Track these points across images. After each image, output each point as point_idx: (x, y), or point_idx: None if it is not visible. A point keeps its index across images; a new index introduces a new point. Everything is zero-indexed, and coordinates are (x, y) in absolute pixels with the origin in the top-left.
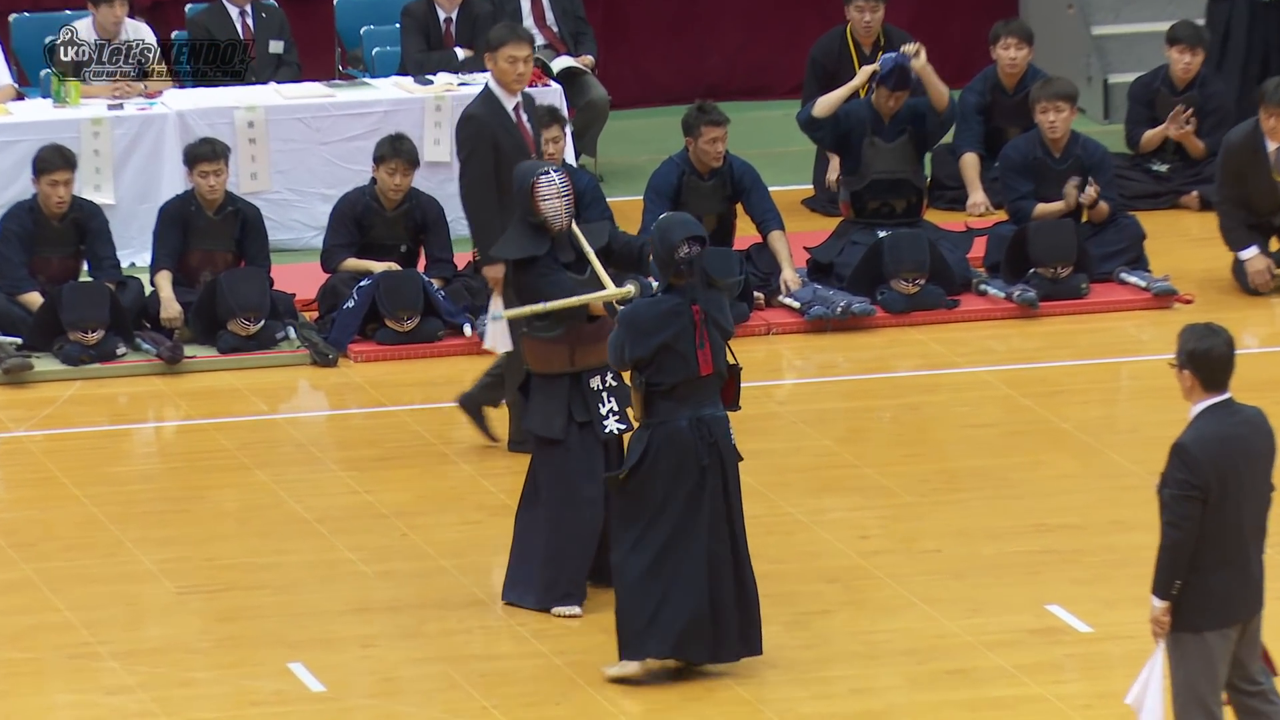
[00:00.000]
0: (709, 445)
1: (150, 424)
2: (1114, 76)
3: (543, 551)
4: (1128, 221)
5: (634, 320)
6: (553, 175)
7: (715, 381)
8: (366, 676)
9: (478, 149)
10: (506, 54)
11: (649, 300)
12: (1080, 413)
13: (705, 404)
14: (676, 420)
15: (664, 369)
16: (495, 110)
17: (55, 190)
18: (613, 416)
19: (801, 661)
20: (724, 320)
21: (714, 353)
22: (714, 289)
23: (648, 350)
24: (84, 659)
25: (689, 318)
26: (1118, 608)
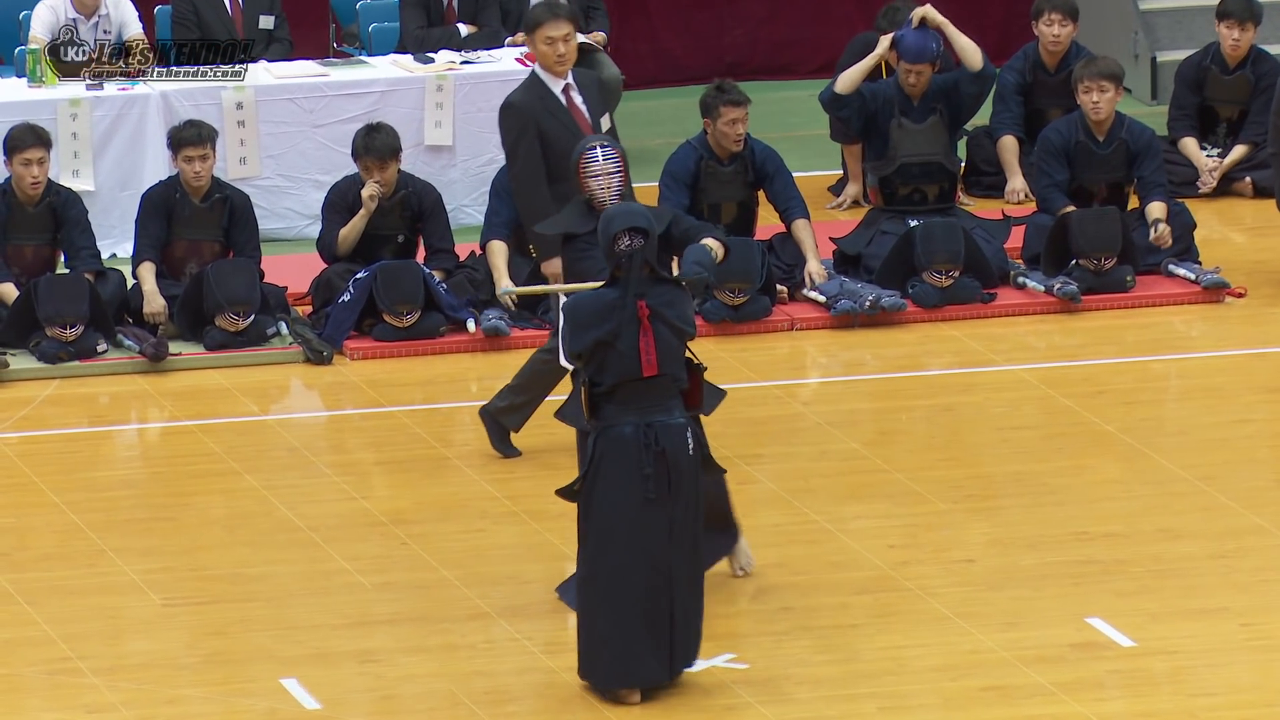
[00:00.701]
0: (655, 454)
1: (133, 426)
2: (1163, 54)
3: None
4: (1177, 209)
5: (573, 312)
6: (598, 151)
7: (666, 385)
8: (364, 694)
9: (521, 138)
10: (544, 35)
11: (592, 293)
12: (1125, 414)
13: (655, 410)
14: (621, 426)
15: (604, 367)
16: (540, 95)
17: (29, 170)
18: None
19: (828, 678)
20: (678, 319)
21: (661, 354)
22: (668, 285)
23: (583, 345)
24: (64, 675)
25: (631, 313)
26: (1163, 621)
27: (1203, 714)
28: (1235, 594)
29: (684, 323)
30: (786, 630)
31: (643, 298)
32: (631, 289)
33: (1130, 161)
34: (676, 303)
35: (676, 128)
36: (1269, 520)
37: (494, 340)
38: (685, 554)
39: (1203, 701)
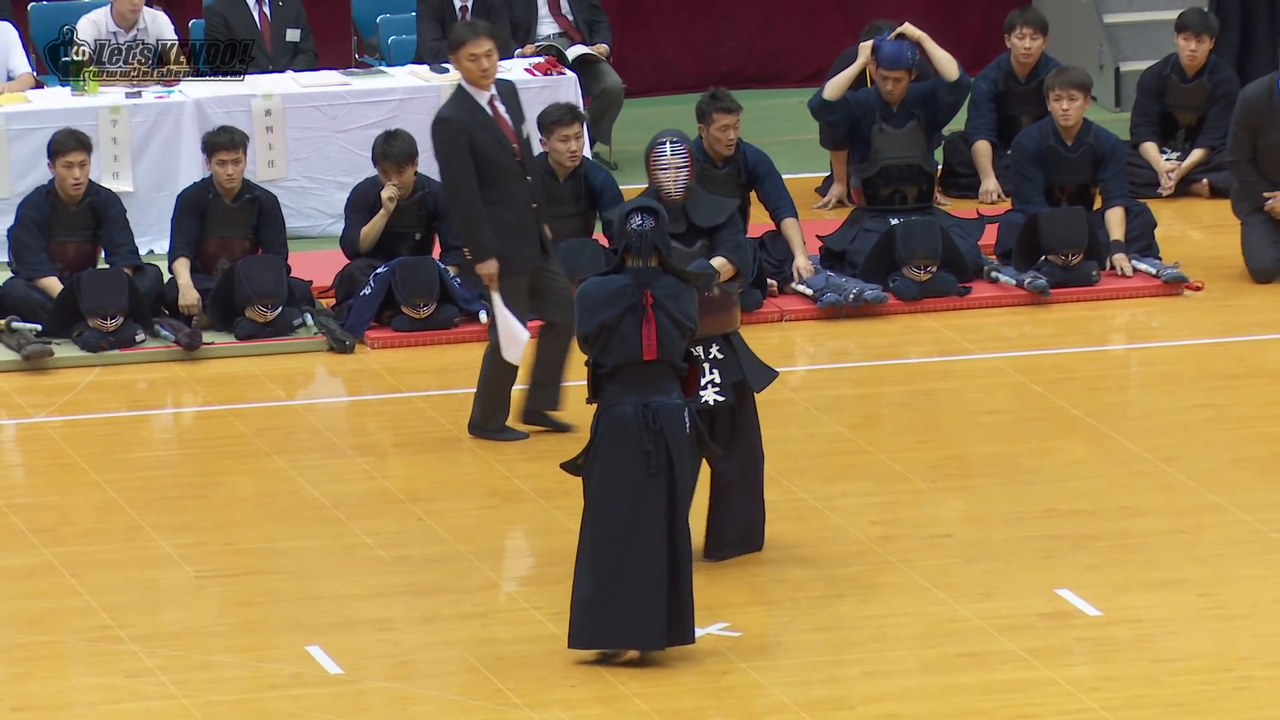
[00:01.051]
0: (654, 432)
1: (168, 410)
2: (1126, 64)
3: None
4: (1139, 209)
5: (584, 296)
6: (667, 146)
7: (664, 370)
8: (383, 659)
9: (453, 152)
10: (468, 52)
11: (602, 278)
12: (1091, 399)
13: (654, 391)
14: (622, 405)
15: (607, 349)
16: (470, 108)
17: (70, 172)
18: (711, 387)
19: (814, 645)
20: (680, 313)
21: (661, 339)
22: (674, 277)
23: (591, 327)
24: (104, 643)
25: (636, 299)
26: (1128, 592)
27: (1164, 678)
28: (1194, 567)
29: (685, 317)
30: (777, 600)
31: (649, 287)
32: (640, 276)
33: (1096, 165)
34: (680, 296)
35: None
36: (1225, 498)
37: None
38: (683, 527)
39: (1164, 667)
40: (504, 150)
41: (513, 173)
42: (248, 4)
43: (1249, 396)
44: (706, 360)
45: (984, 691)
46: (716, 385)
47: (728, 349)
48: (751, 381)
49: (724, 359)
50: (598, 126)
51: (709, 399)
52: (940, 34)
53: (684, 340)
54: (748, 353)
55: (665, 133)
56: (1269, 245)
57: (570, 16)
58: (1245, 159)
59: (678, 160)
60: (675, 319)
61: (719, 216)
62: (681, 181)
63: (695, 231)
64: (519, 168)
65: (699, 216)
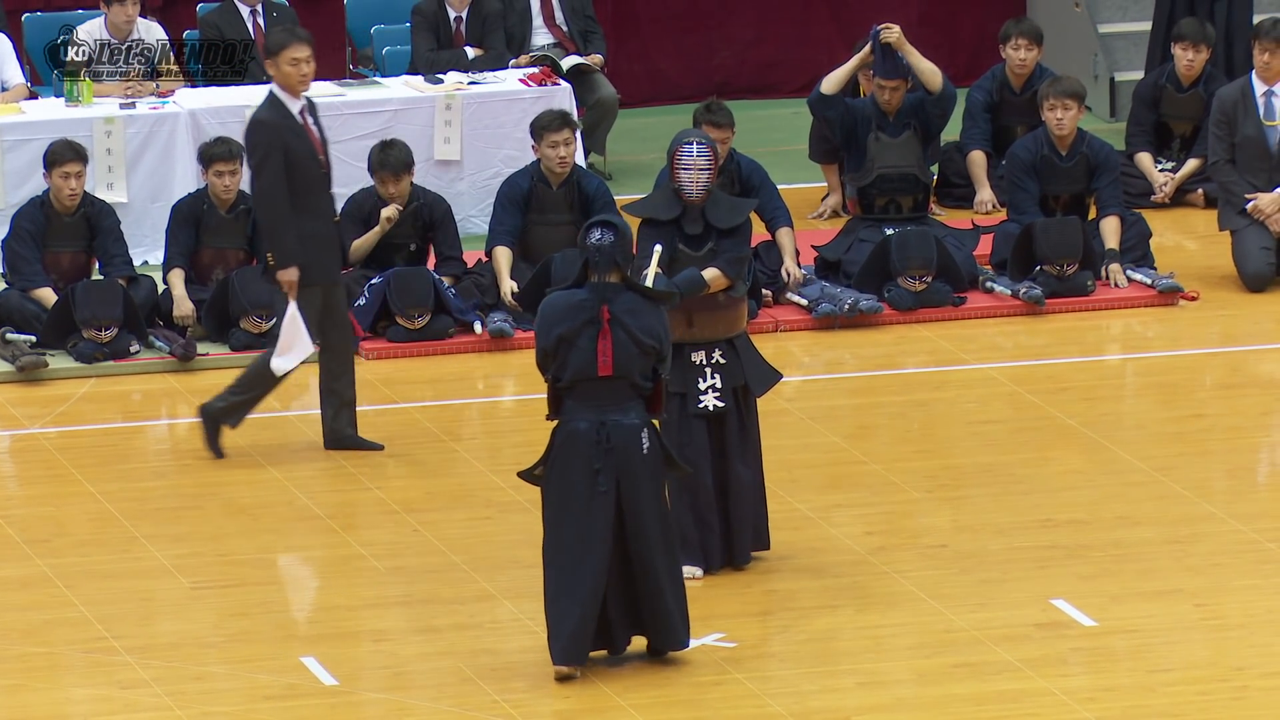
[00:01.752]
0: (605, 450)
1: (163, 421)
2: (1121, 74)
3: None
4: (1134, 219)
5: (544, 310)
6: (693, 147)
7: (622, 387)
8: (378, 670)
9: (270, 155)
10: (288, 57)
11: (563, 292)
12: (1086, 409)
13: (611, 408)
14: (577, 421)
15: (564, 363)
16: (283, 115)
17: (66, 183)
18: (711, 393)
19: (809, 655)
20: (640, 330)
21: (617, 355)
22: (637, 294)
23: (549, 340)
24: (99, 654)
25: (594, 314)
26: (1123, 602)
27: (1160, 688)
28: (1189, 576)
29: (645, 334)
30: (771, 611)
31: (607, 302)
32: (599, 291)
33: (1091, 174)
34: (641, 313)
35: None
36: (1220, 508)
37: (499, 341)
38: (646, 546)
39: (1160, 677)
40: (312, 160)
41: (318, 183)
42: (242, 15)
43: (1244, 406)
44: (708, 365)
45: (979, 702)
46: (717, 391)
47: (730, 353)
48: (753, 385)
49: (726, 364)
50: (592, 137)
51: (709, 405)
52: (933, 45)
53: (645, 358)
54: (752, 356)
55: (690, 132)
56: (1260, 252)
57: (565, 27)
58: (1225, 160)
59: (701, 161)
60: (634, 336)
61: (736, 218)
62: (702, 183)
63: (712, 233)
64: (324, 179)
65: (716, 218)
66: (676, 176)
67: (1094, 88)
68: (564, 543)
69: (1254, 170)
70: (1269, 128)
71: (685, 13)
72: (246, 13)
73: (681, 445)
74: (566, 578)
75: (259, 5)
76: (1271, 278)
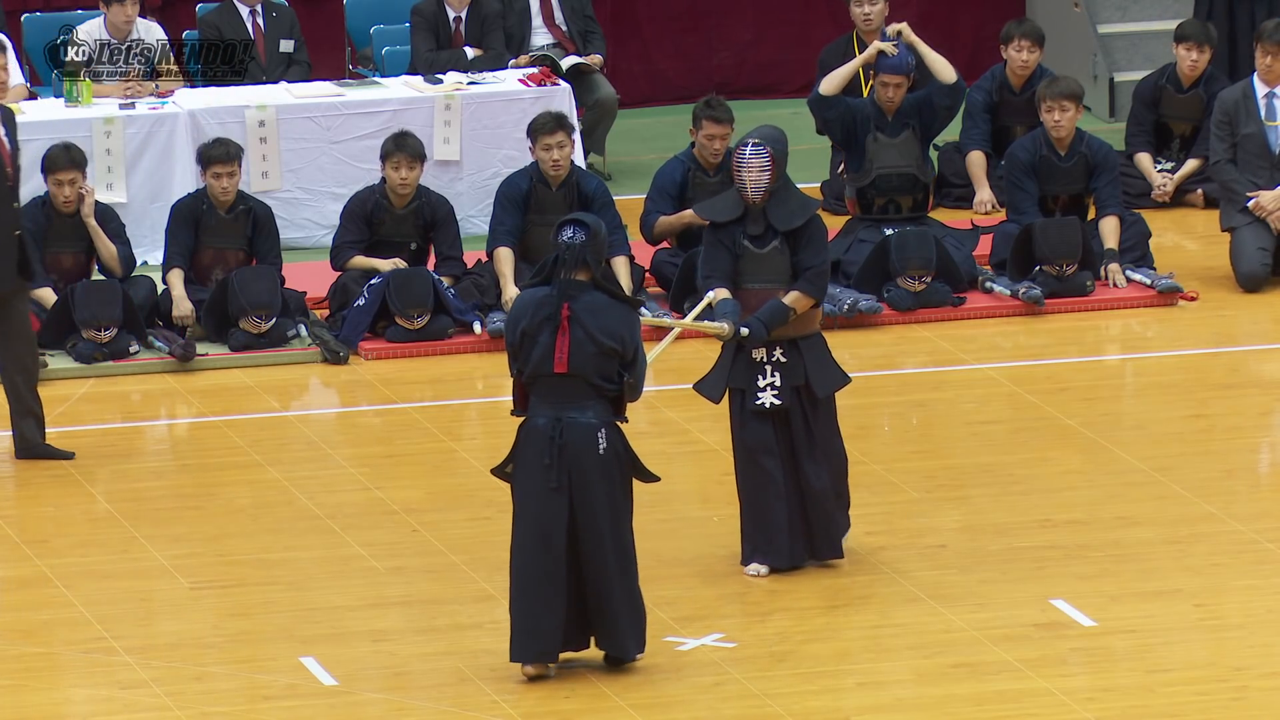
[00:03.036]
0: (559, 446)
1: (163, 421)
2: (1120, 75)
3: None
4: (1133, 219)
5: (513, 305)
6: (748, 149)
7: (579, 385)
8: (378, 670)
9: None
10: None
11: (532, 288)
12: (1086, 409)
13: (569, 406)
14: (537, 417)
15: (526, 359)
16: None
17: (61, 189)
18: (770, 390)
19: (809, 655)
20: (599, 330)
21: (573, 353)
22: (605, 295)
23: (515, 336)
24: (98, 654)
25: (554, 310)
26: (1122, 602)
27: (1159, 688)
28: (1189, 577)
29: (604, 334)
30: (771, 611)
31: (570, 300)
32: (562, 288)
33: (1090, 174)
34: (603, 313)
35: (669, 144)
36: (1219, 508)
37: (498, 341)
38: (596, 545)
39: (1159, 677)
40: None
41: (2, 194)
42: (241, 15)
43: (1243, 407)
44: (768, 363)
45: (979, 702)
46: (776, 389)
47: (793, 353)
48: (815, 386)
49: (787, 363)
50: (591, 137)
51: (766, 402)
52: (932, 45)
53: (604, 358)
54: (820, 356)
55: (753, 131)
56: (1257, 252)
57: (564, 27)
58: (1226, 160)
59: (756, 164)
60: (592, 335)
61: (796, 220)
62: (761, 185)
63: (774, 233)
64: (8, 192)
65: (778, 219)
66: (736, 178)
67: (1093, 88)
68: (521, 540)
69: (1255, 170)
70: (1270, 128)
71: (685, 13)
72: (246, 13)
73: (742, 440)
74: (524, 575)
75: (258, 5)
76: (1267, 278)
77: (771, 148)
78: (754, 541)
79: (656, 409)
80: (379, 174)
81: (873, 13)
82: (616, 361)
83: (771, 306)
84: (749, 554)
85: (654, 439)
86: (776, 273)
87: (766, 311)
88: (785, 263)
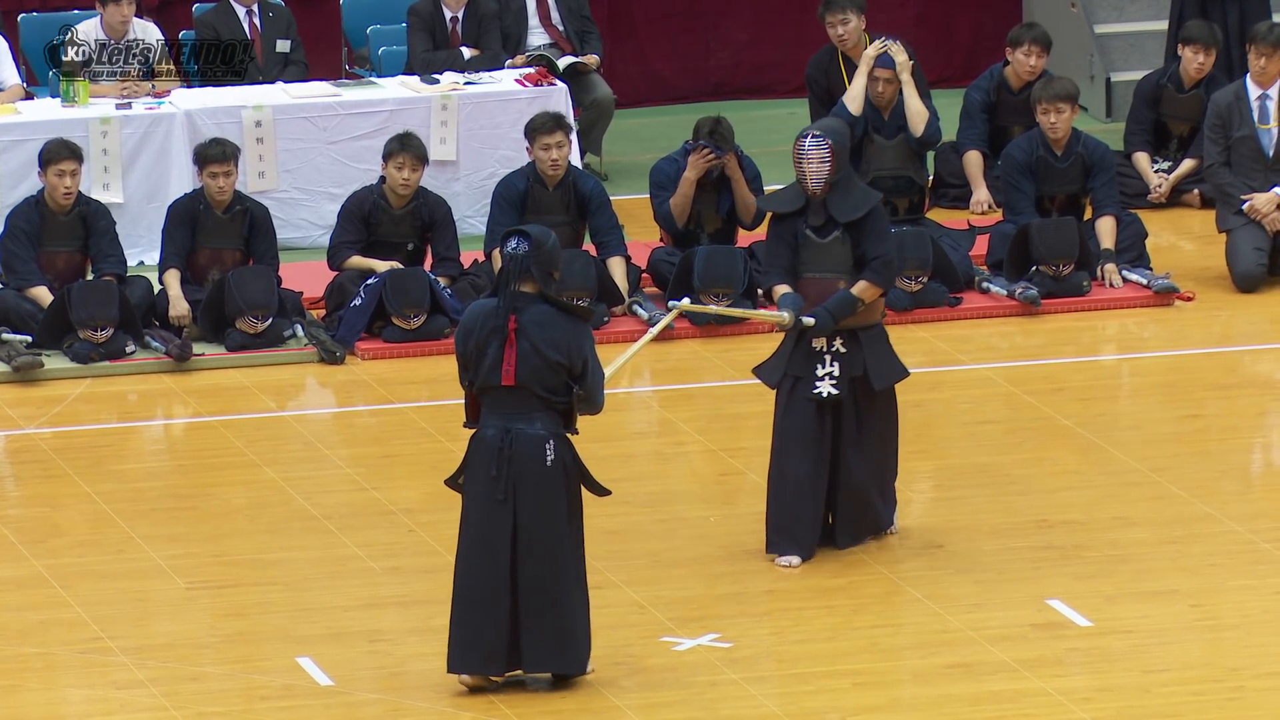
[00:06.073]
0: (506, 458)
1: (159, 421)
2: (1116, 75)
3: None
4: (1129, 219)
5: (464, 317)
6: (807, 141)
7: (527, 397)
8: (373, 671)
9: None
10: None
11: (482, 300)
12: (1082, 409)
13: (518, 417)
14: (486, 429)
15: (476, 370)
16: None
17: (62, 181)
18: (828, 380)
19: (805, 656)
20: (544, 343)
21: (520, 365)
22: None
23: (465, 348)
24: (94, 654)
25: (501, 322)
26: (1119, 603)
27: (1156, 688)
28: (1185, 577)
29: (551, 347)
30: (767, 611)
31: (516, 312)
32: (508, 300)
33: (1086, 174)
34: (550, 326)
35: (665, 144)
36: (1216, 509)
37: None
38: (537, 560)
39: (1156, 677)
40: None
41: None
42: (238, 15)
43: (1239, 407)
44: (828, 353)
45: (975, 702)
46: (834, 379)
47: (853, 344)
48: (873, 378)
49: (846, 353)
50: (588, 137)
51: (824, 391)
52: (930, 45)
53: (551, 371)
54: (880, 348)
55: (814, 124)
56: (1253, 252)
57: (561, 27)
58: (1220, 163)
59: (816, 155)
60: (538, 348)
61: (857, 211)
62: (821, 177)
63: (835, 224)
64: None
65: (838, 210)
66: (797, 169)
67: (1090, 88)
68: (465, 550)
69: (1249, 172)
70: (1263, 130)
71: (681, 13)
72: (243, 13)
73: (783, 429)
74: (466, 585)
75: (255, 5)
76: (1263, 278)
77: (832, 139)
78: (780, 532)
79: (654, 410)
80: (376, 174)
81: (846, 32)
82: (564, 374)
83: (840, 297)
84: (777, 544)
85: (652, 440)
86: (838, 263)
87: (835, 302)
88: (847, 253)
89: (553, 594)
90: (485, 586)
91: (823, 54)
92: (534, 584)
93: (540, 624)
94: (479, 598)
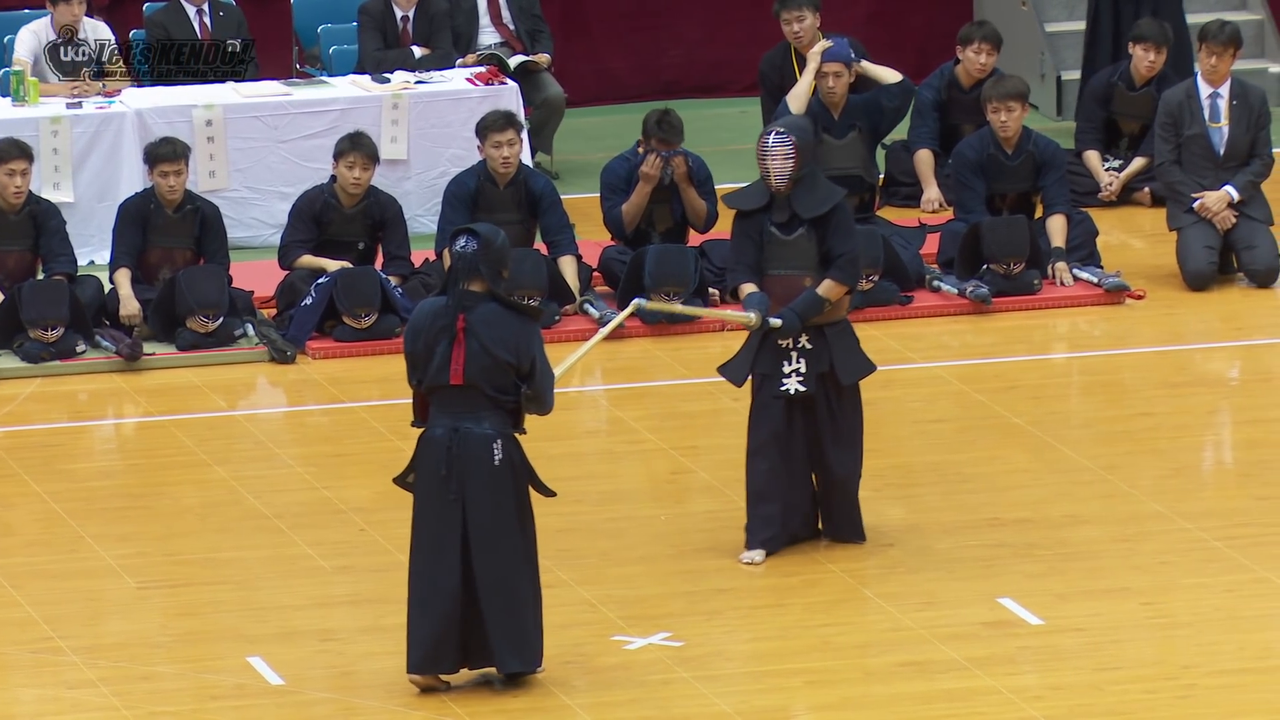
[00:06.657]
0: (455, 457)
1: (110, 421)
2: (1067, 73)
3: None
4: (1080, 218)
5: (412, 316)
6: (770, 138)
7: (476, 396)
8: (325, 670)
9: None
10: None
11: (431, 299)
12: (1033, 408)
13: (466, 416)
14: (435, 428)
15: (424, 369)
16: None
17: (12, 180)
18: (795, 376)
19: (757, 654)
20: (493, 341)
21: (469, 364)
22: (502, 306)
23: (414, 347)
24: (45, 654)
25: (450, 321)
26: (1070, 601)
27: (1108, 686)
28: (1136, 575)
29: (499, 346)
30: (719, 610)
31: (465, 310)
32: (457, 299)
33: (1037, 173)
34: (499, 325)
35: (616, 142)
36: (1167, 507)
37: None
38: (490, 558)
39: (1108, 675)
40: None
41: None
42: (188, 14)
43: (1190, 405)
44: (794, 350)
45: (926, 700)
46: (801, 375)
47: (819, 340)
48: (840, 374)
49: (813, 349)
50: (539, 136)
51: (791, 388)
52: (882, 43)
53: (500, 370)
54: (846, 344)
55: (778, 120)
56: (1203, 250)
57: (512, 26)
58: (1171, 161)
59: (780, 152)
60: (486, 347)
61: (822, 207)
62: (785, 174)
63: (800, 221)
64: None
65: (803, 207)
66: (761, 166)
67: (1040, 86)
68: (417, 549)
69: (1200, 171)
70: (1214, 129)
71: (634, 12)
72: (193, 12)
73: (755, 427)
74: (418, 585)
75: (205, 4)
76: (1213, 277)
77: (796, 136)
78: (752, 530)
79: (605, 408)
80: (327, 173)
81: (802, 29)
82: (512, 374)
83: (806, 298)
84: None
85: (603, 438)
86: (803, 259)
87: (801, 303)
88: (812, 250)
89: (504, 591)
90: (438, 586)
91: (776, 51)
92: (494, 583)
93: (507, 622)
94: (430, 597)
